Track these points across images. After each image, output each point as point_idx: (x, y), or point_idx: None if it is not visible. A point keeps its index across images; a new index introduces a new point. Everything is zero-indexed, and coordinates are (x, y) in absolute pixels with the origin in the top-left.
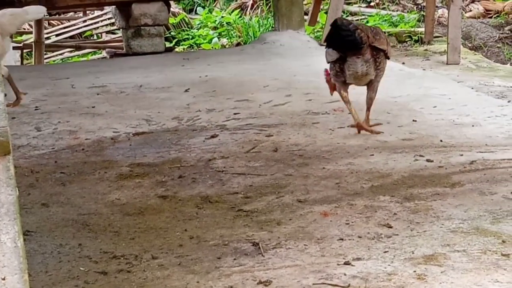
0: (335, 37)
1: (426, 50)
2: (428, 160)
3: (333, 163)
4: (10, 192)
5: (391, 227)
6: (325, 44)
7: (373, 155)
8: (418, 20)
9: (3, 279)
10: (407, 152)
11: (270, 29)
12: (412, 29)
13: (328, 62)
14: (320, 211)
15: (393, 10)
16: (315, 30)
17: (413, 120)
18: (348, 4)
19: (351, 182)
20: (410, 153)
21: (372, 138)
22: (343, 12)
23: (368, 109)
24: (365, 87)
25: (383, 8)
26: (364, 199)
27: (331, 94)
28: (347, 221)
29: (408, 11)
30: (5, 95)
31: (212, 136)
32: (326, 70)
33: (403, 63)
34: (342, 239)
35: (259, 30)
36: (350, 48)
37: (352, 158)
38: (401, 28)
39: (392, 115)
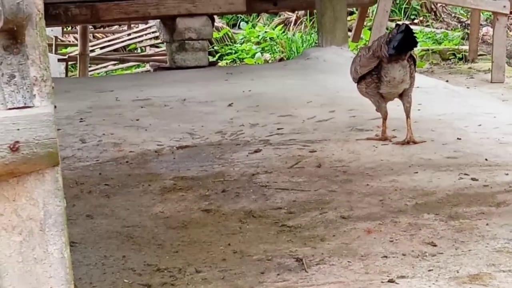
0: (406, 39)
1: (470, 68)
2: (473, 179)
3: (377, 180)
4: (58, 203)
5: (435, 245)
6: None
7: (417, 172)
8: (462, 38)
9: None
10: (452, 170)
11: (313, 44)
12: (456, 47)
13: (355, 78)
14: (364, 228)
15: (436, 28)
16: (359, 47)
17: (458, 138)
18: (392, 21)
19: (395, 199)
20: (455, 171)
21: (416, 155)
22: (387, 28)
23: (408, 116)
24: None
25: (427, 26)
26: (408, 217)
27: None
28: (391, 239)
29: (452, 29)
30: (55, 106)
31: (256, 151)
32: None
33: (447, 81)
34: (386, 257)
35: (302, 46)
36: (408, 50)
37: (396, 175)
38: (445, 45)
39: (437, 133)
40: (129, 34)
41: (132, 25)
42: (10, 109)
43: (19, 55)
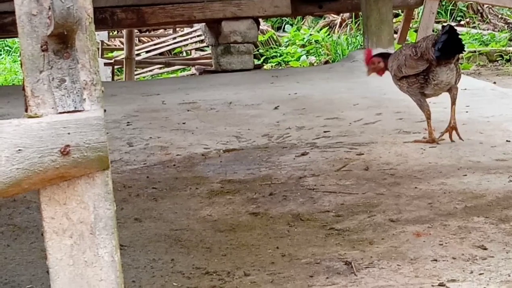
0: (453, 41)
1: None
2: None
3: (425, 183)
4: (108, 207)
5: (486, 249)
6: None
7: (466, 175)
8: (509, 39)
9: None
10: (501, 173)
11: (358, 47)
12: (503, 48)
13: (397, 76)
14: (413, 231)
15: (483, 29)
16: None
17: (507, 141)
18: (437, 22)
19: (444, 202)
20: (505, 174)
21: (464, 158)
22: (433, 30)
23: (454, 102)
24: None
25: (474, 27)
26: (457, 220)
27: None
28: (441, 242)
29: (499, 30)
30: (105, 110)
31: (303, 154)
32: (368, 51)
33: (495, 83)
34: (436, 260)
35: (348, 48)
36: (457, 53)
37: (445, 178)
38: (492, 47)
39: (485, 135)
40: (174, 38)
41: (177, 29)
42: (60, 113)
43: (69, 59)
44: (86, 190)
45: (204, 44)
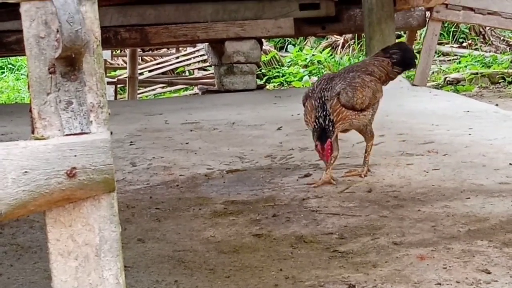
0: (411, 57)
1: None
2: None
3: (429, 206)
4: (114, 229)
5: (490, 273)
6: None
7: (469, 198)
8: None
9: None
10: (505, 196)
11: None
12: (506, 70)
13: (365, 109)
14: (416, 254)
15: (485, 51)
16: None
17: (510, 164)
18: (440, 44)
19: (448, 225)
20: (508, 197)
21: (468, 181)
22: (436, 52)
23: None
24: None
25: (476, 49)
26: (461, 243)
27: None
28: (445, 266)
29: (501, 52)
30: (111, 133)
31: (306, 175)
32: (329, 143)
33: (497, 105)
34: (439, 284)
35: None
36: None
37: (448, 201)
38: (494, 69)
39: (488, 158)
40: (177, 57)
41: (180, 48)
42: (67, 135)
43: (77, 82)
44: (91, 212)
45: (207, 64)
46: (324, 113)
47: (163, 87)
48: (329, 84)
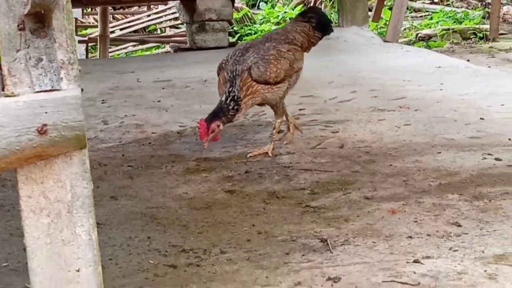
0: (327, 21)
1: (491, 47)
2: (496, 159)
3: (400, 161)
4: (86, 186)
5: (460, 225)
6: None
7: (440, 153)
8: (483, 17)
9: (78, 271)
10: (475, 151)
11: (333, 25)
12: (477, 26)
13: (280, 82)
14: (387, 208)
15: (457, 7)
16: (379, 27)
17: (481, 118)
18: (412, 0)
19: (419, 180)
20: (478, 151)
21: (439, 136)
22: (407, 8)
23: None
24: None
25: (447, 5)
26: (432, 197)
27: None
28: (416, 219)
29: (472, 8)
30: (82, 90)
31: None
32: (213, 126)
33: (468, 60)
34: (411, 237)
35: None
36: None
37: (419, 155)
38: (465, 25)
39: (459, 112)
40: (148, 15)
41: (151, 6)
42: (37, 92)
43: (46, 39)
44: (63, 169)
45: (179, 22)
46: (231, 89)
47: (134, 45)
48: (243, 56)
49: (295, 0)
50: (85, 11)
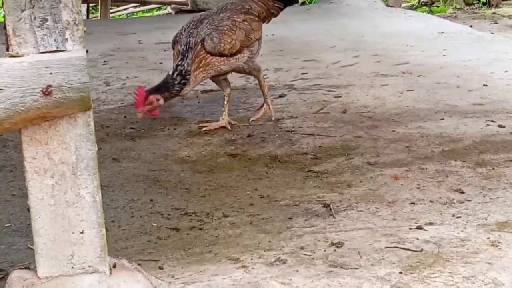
0: None
1: (494, 13)
2: (500, 126)
3: (403, 126)
4: (90, 147)
5: (463, 192)
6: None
7: (443, 119)
8: None
9: (82, 232)
10: (478, 117)
11: None
12: None
13: (237, 52)
14: (390, 174)
15: None
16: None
17: (484, 85)
18: None
19: (422, 146)
20: (481, 118)
21: (442, 102)
22: None
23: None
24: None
25: None
26: (435, 164)
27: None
28: (418, 185)
29: None
30: (87, 51)
31: (280, 96)
32: (151, 99)
33: (471, 26)
34: (413, 203)
35: None
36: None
37: (422, 121)
38: None
39: (462, 79)
40: None
41: None
42: (42, 52)
43: None
44: (67, 130)
45: None
46: (180, 62)
47: (135, 7)
48: (197, 28)
49: None
50: None
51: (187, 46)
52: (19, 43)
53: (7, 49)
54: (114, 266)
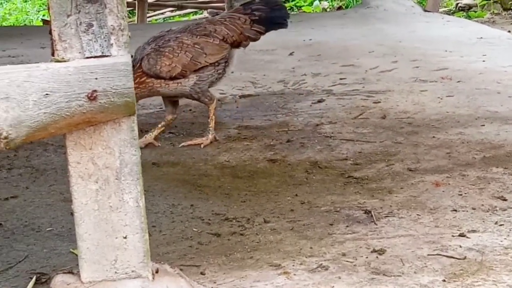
0: (281, 15)
1: None
2: None
3: (443, 132)
4: (134, 153)
5: (505, 199)
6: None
7: (484, 125)
8: None
9: (125, 237)
10: None
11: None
12: None
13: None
14: (431, 180)
15: None
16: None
17: None
18: None
19: (463, 152)
20: None
21: (482, 108)
22: None
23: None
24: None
25: None
26: (476, 170)
27: None
28: (460, 192)
29: None
30: (132, 56)
31: (319, 101)
32: None
33: (509, 31)
34: (455, 210)
35: None
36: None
37: (463, 127)
38: None
39: (502, 85)
40: None
41: None
42: (87, 58)
43: (97, 4)
44: (112, 135)
45: None
46: None
47: (172, 11)
48: (149, 45)
49: None
50: None
51: (133, 62)
52: (65, 48)
53: (53, 54)
54: (157, 271)
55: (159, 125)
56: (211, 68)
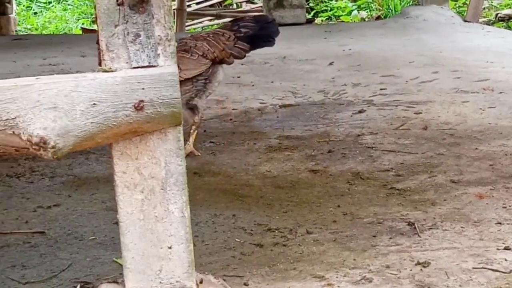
0: (269, 34)
1: None
2: None
3: (486, 144)
4: (180, 163)
5: None
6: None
7: None
8: None
9: (170, 247)
10: None
11: (412, 3)
12: None
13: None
14: (475, 193)
15: None
16: (457, 6)
17: None
18: None
19: (506, 164)
20: None
21: None
22: None
23: None
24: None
25: None
26: None
27: None
28: (504, 205)
29: None
30: (179, 66)
31: (360, 111)
32: None
33: None
34: (500, 223)
35: (401, 4)
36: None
37: (506, 139)
38: None
39: None
40: None
41: None
42: (135, 68)
43: (145, 14)
44: (158, 145)
45: None
46: None
47: (210, 20)
48: None
49: None
50: None
51: None
52: (112, 58)
53: (99, 64)
54: (201, 282)
55: (191, 131)
56: (189, 83)
